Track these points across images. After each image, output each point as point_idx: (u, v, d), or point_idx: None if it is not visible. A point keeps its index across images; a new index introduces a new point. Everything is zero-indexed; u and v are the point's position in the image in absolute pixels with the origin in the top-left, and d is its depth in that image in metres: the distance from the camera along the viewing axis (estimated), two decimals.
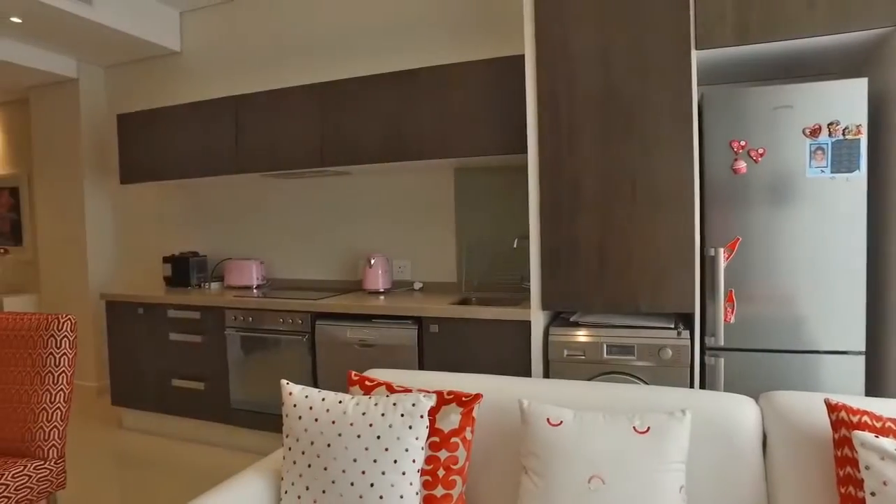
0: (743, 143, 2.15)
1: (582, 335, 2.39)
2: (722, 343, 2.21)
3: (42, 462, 2.12)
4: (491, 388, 1.71)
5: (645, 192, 2.27)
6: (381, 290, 3.32)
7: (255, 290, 3.67)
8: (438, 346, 2.77)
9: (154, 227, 4.51)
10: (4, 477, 2.00)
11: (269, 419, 3.22)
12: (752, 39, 2.14)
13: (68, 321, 2.24)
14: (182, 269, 3.96)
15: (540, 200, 2.43)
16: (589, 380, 2.28)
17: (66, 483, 2.21)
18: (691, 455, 1.41)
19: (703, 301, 2.26)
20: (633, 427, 1.37)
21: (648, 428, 1.36)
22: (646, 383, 2.26)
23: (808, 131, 2.08)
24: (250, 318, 3.25)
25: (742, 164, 2.15)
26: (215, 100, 3.60)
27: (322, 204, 3.80)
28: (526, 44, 2.42)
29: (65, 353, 2.22)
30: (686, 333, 2.26)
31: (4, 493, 1.98)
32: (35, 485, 2.09)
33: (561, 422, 1.42)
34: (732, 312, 2.20)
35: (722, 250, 2.19)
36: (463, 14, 3.31)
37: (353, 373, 1.68)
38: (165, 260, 4.01)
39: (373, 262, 3.30)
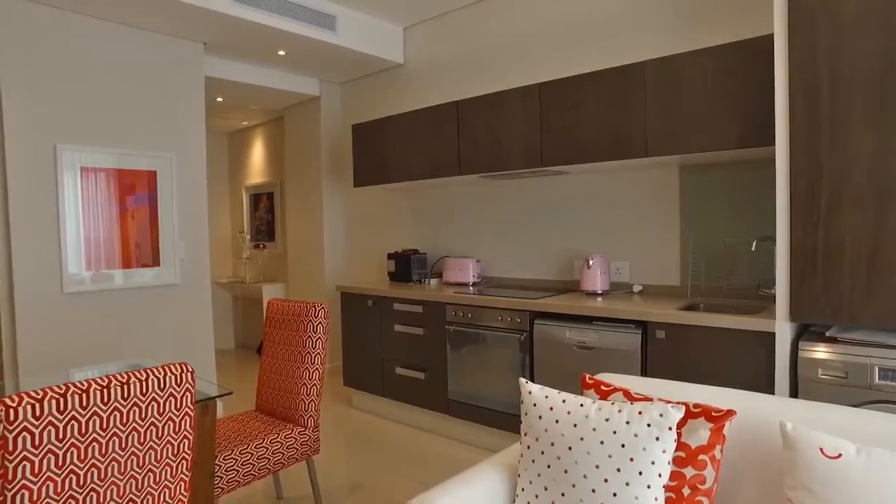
0: None
1: (844, 353, 2.05)
2: None
3: (303, 429, 2.46)
4: (737, 403, 1.54)
5: None
6: (599, 292, 3.22)
7: (471, 288, 3.82)
8: (664, 354, 2.60)
9: (379, 226, 4.97)
10: (280, 436, 2.38)
11: (484, 413, 3.33)
12: None
13: (322, 309, 2.57)
14: (404, 265, 4.29)
15: (791, 197, 2.13)
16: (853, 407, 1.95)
17: (319, 449, 2.54)
18: None
19: None
20: None
21: None
22: None
23: None
24: (469, 315, 3.39)
25: None
26: (437, 106, 3.82)
27: (537, 203, 3.80)
28: (776, 17, 2.14)
29: (320, 337, 2.54)
30: None
31: (279, 450, 2.37)
32: (299, 446, 2.43)
33: (839, 454, 1.22)
34: None
35: None
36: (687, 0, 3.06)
37: (588, 376, 1.65)
38: (389, 256, 4.38)
39: (591, 262, 3.21)
